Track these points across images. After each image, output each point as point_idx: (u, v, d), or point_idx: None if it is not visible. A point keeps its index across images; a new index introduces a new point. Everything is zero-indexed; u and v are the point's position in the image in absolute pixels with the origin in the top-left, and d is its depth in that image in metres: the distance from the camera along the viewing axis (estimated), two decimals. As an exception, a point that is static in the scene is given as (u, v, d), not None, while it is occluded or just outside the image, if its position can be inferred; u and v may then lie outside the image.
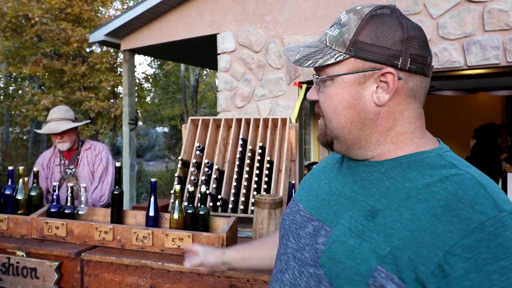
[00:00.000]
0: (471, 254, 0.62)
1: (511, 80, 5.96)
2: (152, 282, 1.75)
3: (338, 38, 0.78)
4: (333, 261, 0.73)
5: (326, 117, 0.82)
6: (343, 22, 0.79)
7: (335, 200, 0.81)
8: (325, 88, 0.81)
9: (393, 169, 0.77)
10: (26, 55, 9.67)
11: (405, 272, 0.65)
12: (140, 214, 2.12)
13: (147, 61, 28.45)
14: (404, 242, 0.67)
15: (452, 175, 0.71)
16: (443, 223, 0.65)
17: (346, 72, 0.78)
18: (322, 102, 0.82)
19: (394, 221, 0.69)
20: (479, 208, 0.65)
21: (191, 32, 5.71)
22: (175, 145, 15.44)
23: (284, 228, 0.91)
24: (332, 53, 0.78)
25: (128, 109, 6.66)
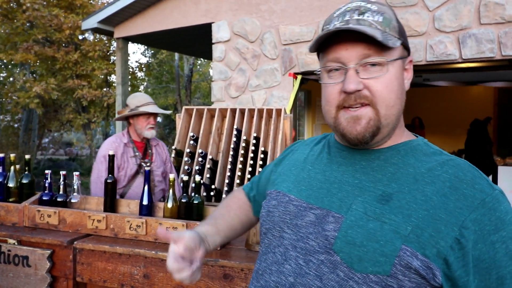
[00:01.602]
0: (478, 227, 0.70)
1: (505, 74, 5.99)
2: (145, 271, 1.74)
3: (388, 23, 0.79)
4: (353, 246, 0.74)
5: (385, 103, 0.78)
6: (377, 10, 0.80)
7: (336, 188, 0.82)
8: (378, 73, 0.77)
9: (392, 157, 0.81)
10: (18, 41, 9.53)
11: (428, 248, 0.71)
12: (134, 203, 2.10)
13: (140, 49, 28.22)
14: (423, 221, 0.72)
15: (447, 160, 0.79)
16: (453, 201, 0.73)
17: (400, 57, 0.81)
18: (382, 87, 0.77)
19: (409, 202, 0.74)
20: (479, 187, 0.74)
21: (186, 20, 5.65)
22: (168, 135, 15.38)
23: (272, 220, 0.89)
24: (392, 37, 0.79)
25: (121, 98, 6.61)
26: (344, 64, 0.79)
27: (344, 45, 0.78)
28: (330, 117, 0.83)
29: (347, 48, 0.78)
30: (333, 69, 0.80)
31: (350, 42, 0.77)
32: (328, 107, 0.83)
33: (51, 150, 15.94)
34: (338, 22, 0.80)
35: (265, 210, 0.93)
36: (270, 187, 0.99)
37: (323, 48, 0.82)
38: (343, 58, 0.78)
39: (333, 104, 0.81)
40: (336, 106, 0.81)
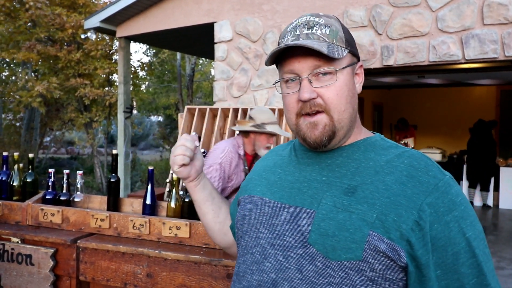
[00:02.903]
0: (434, 209, 0.79)
1: (508, 75, 5.98)
2: (148, 270, 1.74)
3: (335, 35, 0.88)
4: (327, 236, 0.81)
5: (337, 109, 0.87)
6: (324, 23, 0.88)
7: (306, 186, 0.90)
8: (327, 81, 0.86)
9: (354, 153, 0.90)
10: (20, 40, 9.53)
11: (392, 232, 0.78)
12: (137, 202, 2.10)
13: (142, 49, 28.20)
14: (386, 207, 0.80)
15: (402, 152, 0.88)
16: (410, 188, 0.81)
17: (348, 64, 0.90)
18: (333, 95, 0.86)
19: (372, 192, 0.82)
20: (432, 174, 0.83)
21: (188, 20, 5.65)
22: (169, 135, 15.38)
23: (249, 223, 0.95)
24: (339, 47, 0.87)
25: (123, 97, 6.61)
26: (298, 75, 0.87)
27: (297, 58, 0.87)
28: (291, 123, 0.92)
29: (300, 61, 0.86)
30: (290, 79, 0.89)
31: (302, 55, 0.86)
32: (289, 115, 0.91)
33: (53, 149, 15.96)
34: (290, 36, 0.89)
35: (241, 215, 0.99)
36: (242, 193, 1.05)
37: (279, 61, 0.91)
38: (297, 69, 0.87)
39: (293, 112, 0.90)
40: (296, 113, 0.89)
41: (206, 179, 1.13)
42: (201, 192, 1.11)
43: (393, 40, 4.44)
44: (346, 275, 0.79)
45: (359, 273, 0.79)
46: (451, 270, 0.78)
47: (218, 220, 1.15)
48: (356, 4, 4.61)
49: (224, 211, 1.16)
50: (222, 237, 1.16)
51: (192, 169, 1.07)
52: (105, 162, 11.12)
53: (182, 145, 1.04)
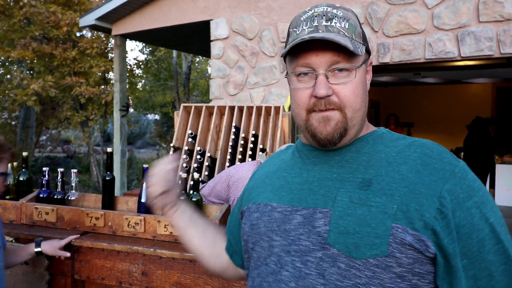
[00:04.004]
0: (454, 196, 0.76)
1: (504, 72, 6.00)
2: (143, 268, 1.74)
3: (354, 30, 0.83)
4: (347, 234, 0.76)
5: (352, 107, 0.83)
6: (342, 16, 0.83)
7: (317, 185, 0.85)
8: (346, 78, 0.82)
9: (362, 147, 0.86)
10: (15, 38, 9.48)
11: (416, 222, 0.74)
12: (132, 201, 2.10)
13: (138, 47, 28.10)
14: (406, 197, 0.76)
15: (412, 142, 0.85)
16: (427, 175, 0.78)
17: (364, 61, 0.86)
18: (350, 93, 0.82)
19: (389, 183, 0.78)
20: (447, 160, 0.80)
21: (184, 18, 5.63)
22: (166, 133, 15.35)
23: (258, 232, 0.88)
24: (358, 43, 0.83)
25: (119, 96, 6.59)
26: (314, 70, 0.82)
27: (315, 51, 0.81)
28: (300, 119, 0.86)
29: (318, 55, 0.81)
30: (303, 73, 0.83)
31: (320, 48, 0.81)
32: (299, 110, 0.86)
33: (49, 147, 15.90)
34: (306, 27, 0.83)
35: (247, 225, 0.91)
36: (245, 204, 0.97)
37: (292, 52, 0.84)
38: (313, 64, 0.81)
39: (303, 108, 0.84)
40: (306, 109, 0.84)
41: (183, 203, 1.05)
42: (181, 217, 1.03)
43: (389, 37, 4.44)
44: (373, 273, 0.74)
45: (386, 270, 0.74)
46: (478, 258, 0.75)
47: (206, 243, 1.06)
48: (352, 2, 4.61)
49: (211, 232, 1.07)
50: (214, 261, 1.07)
51: (168, 197, 1.00)
52: (101, 161, 11.09)
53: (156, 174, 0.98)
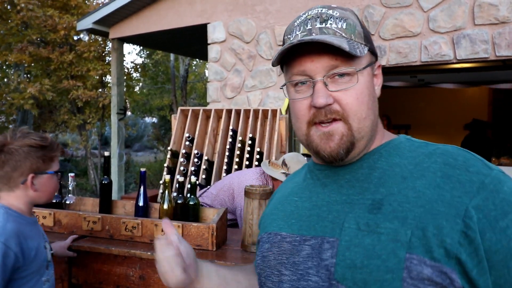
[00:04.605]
0: (482, 214, 0.62)
1: (499, 74, 6.03)
2: (141, 272, 1.74)
3: (353, 30, 0.74)
4: (355, 269, 0.66)
5: (357, 116, 0.73)
6: (339, 16, 0.75)
7: (325, 211, 0.75)
8: (348, 84, 0.72)
9: (376, 161, 0.75)
10: (12, 42, 9.46)
11: (434, 250, 0.62)
12: (129, 204, 2.10)
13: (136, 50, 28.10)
14: (421, 219, 0.64)
15: (434, 150, 0.72)
16: (448, 191, 0.65)
17: (367, 64, 0.76)
18: (353, 99, 0.72)
19: (401, 203, 0.67)
20: (474, 169, 0.66)
21: (181, 21, 5.64)
22: (164, 136, 15.34)
23: (269, 265, 0.80)
24: (357, 44, 0.74)
25: (117, 99, 6.59)
26: (311, 77, 0.73)
27: (309, 56, 0.73)
28: (301, 134, 0.77)
29: (313, 60, 0.72)
30: (300, 82, 0.75)
31: (315, 53, 0.72)
32: (299, 124, 0.77)
33: (46, 151, 15.82)
34: (299, 31, 0.75)
35: (259, 258, 0.84)
36: (260, 233, 0.89)
37: (287, 60, 0.77)
38: (309, 70, 0.73)
39: (304, 121, 0.75)
40: (307, 122, 0.75)
41: (203, 264, 0.86)
42: (209, 281, 0.84)
43: (385, 40, 4.46)
44: None
45: None
46: None
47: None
48: (349, 5, 4.63)
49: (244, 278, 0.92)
50: None
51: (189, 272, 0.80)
52: (99, 164, 11.07)
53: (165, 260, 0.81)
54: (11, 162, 1.33)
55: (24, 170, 1.35)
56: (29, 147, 1.35)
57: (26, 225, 1.37)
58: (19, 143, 1.34)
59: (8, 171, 1.34)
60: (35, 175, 1.37)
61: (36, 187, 1.38)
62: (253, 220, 1.77)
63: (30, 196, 1.39)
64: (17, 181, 1.35)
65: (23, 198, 1.38)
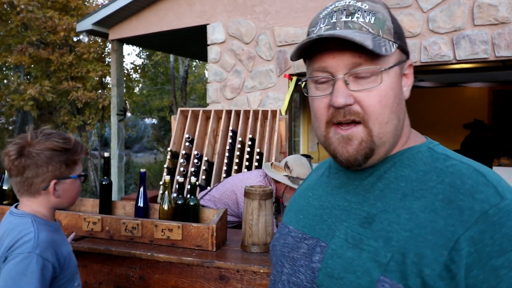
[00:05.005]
0: (475, 248, 0.56)
1: (499, 75, 6.03)
2: (141, 272, 1.74)
3: (381, 25, 0.68)
4: (332, 278, 0.66)
5: (379, 120, 0.67)
6: (368, 9, 0.69)
7: (327, 213, 0.74)
8: (371, 84, 0.67)
9: (386, 171, 0.71)
10: (12, 43, 9.47)
11: (410, 279, 0.59)
12: (129, 205, 2.10)
13: (135, 51, 28.12)
14: (404, 244, 0.61)
15: (447, 166, 0.66)
16: (444, 217, 0.60)
17: (396, 63, 0.70)
18: (375, 101, 0.67)
19: (391, 223, 0.64)
20: (480, 197, 0.60)
21: (181, 22, 5.65)
22: (163, 137, 15.34)
23: (275, 255, 0.82)
24: (385, 41, 0.68)
25: (117, 100, 6.59)
26: (331, 75, 0.69)
27: (331, 52, 0.68)
28: (320, 134, 0.73)
29: (334, 56, 0.68)
30: (320, 79, 0.70)
31: (338, 49, 0.67)
32: (318, 123, 0.73)
33: (46, 152, 15.81)
34: (324, 24, 0.70)
35: (271, 245, 0.86)
36: None
37: (309, 54, 0.72)
38: (330, 67, 0.68)
39: (322, 120, 0.71)
40: (326, 122, 0.71)
41: None
42: None
43: (385, 41, 4.46)
44: None
45: None
46: None
47: None
48: (348, 6, 4.63)
49: None
50: None
51: None
52: (99, 165, 11.07)
53: None
54: (32, 167, 1.22)
55: (46, 176, 1.24)
56: (51, 150, 1.23)
57: (54, 232, 1.28)
58: (41, 146, 1.22)
59: (29, 177, 1.23)
60: (58, 180, 1.26)
61: (58, 193, 1.28)
62: (253, 221, 1.77)
63: (52, 202, 1.29)
64: (38, 187, 1.25)
65: (45, 204, 1.28)
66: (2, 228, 1.25)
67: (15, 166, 1.22)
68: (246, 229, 1.79)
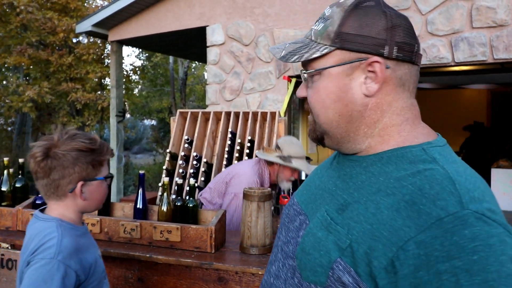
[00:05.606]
0: (424, 251, 0.59)
1: (497, 77, 6.05)
2: (139, 274, 1.74)
3: (322, 31, 0.78)
4: (304, 253, 0.76)
5: (314, 112, 0.81)
6: (327, 16, 0.78)
7: (319, 194, 0.83)
8: (313, 83, 0.80)
9: (373, 164, 0.75)
10: (11, 44, 9.48)
11: (360, 266, 0.66)
12: (128, 207, 2.10)
13: (135, 52, 28.13)
14: (362, 235, 0.67)
15: (425, 169, 0.68)
16: (403, 217, 0.64)
17: (332, 65, 0.77)
18: (310, 97, 0.81)
19: (358, 214, 0.70)
20: (440, 204, 0.62)
21: (180, 24, 5.66)
22: (163, 138, 15.34)
23: (282, 221, 0.94)
24: (317, 46, 0.77)
25: (116, 101, 6.59)
26: None
27: None
28: None
29: None
30: None
31: None
32: None
33: (45, 153, 15.80)
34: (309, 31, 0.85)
35: (282, 212, 0.98)
36: None
37: None
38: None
39: None
40: None
41: None
42: None
43: (383, 43, 4.48)
44: None
45: None
46: None
47: None
48: (347, 8, 4.65)
49: None
50: None
51: None
52: (97, 167, 11.04)
53: None
54: (58, 168, 1.20)
55: (73, 177, 1.21)
56: (78, 151, 1.21)
57: (80, 236, 1.26)
58: (66, 146, 1.20)
59: (55, 179, 1.21)
60: (84, 182, 1.24)
61: (85, 195, 1.25)
62: (252, 223, 1.78)
63: (79, 205, 1.26)
64: (65, 190, 1.22)
65: (72, 207, 1.26)
66: (28, 233, 1.23)
67: (41, 168, 1.20)
68: (245, 231, 1.79)
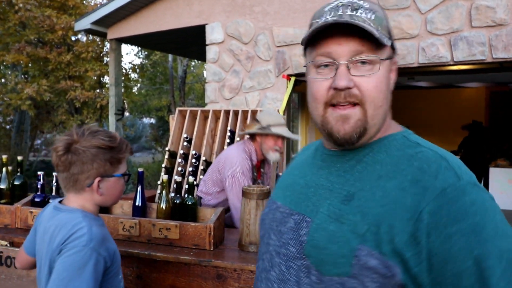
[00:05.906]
0: (433, 219, 0.67)
1: (496, 76, 6.06)
2: (138, 271, 1.74)
3: (380, 22, 0.77)
4: (318, 249, 0.75)
5: (374, 103, 0.76)
6: (369, 8, 0.77)
7: (312, 192, 0.83)
8: (370, 71, 0.76)
9: (365, 155, 0.80)
10: (9, 42, 9.45)
11: (384, 246, 0.69)
12: (127, 204, 2.10)
13: (134, 51, 28.09)
14: (378, 217, 0.70)
15: (416, 152, 0.75)
16: (411, 194, 0.70)
17: (389, 57, 0.80)
18: (372, 86, 0.76)
19: (367, 200, 0.73)
20: (441, 177, 0.69)
21: (179, 22, 5.65)
22: (162, 137, 15.33)
23: (264, 228, 0.92)
24: (383, 35, 0.76)
25: (115, 99, 6.59)
26: (335, 60, 0.76)
27: (337, 39, 0.75)
28: (317, 114, 0.80)
29: (340, 43, 0.75)
30: (322, 64, 0.78)
31: (344, 36, 0.75)
32: (316, 104, 0.80)
33: (44, 151, 15.83)
34: (330, 16, 0.76)
35: (260, 219, 0.96)
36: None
37: (313, 41, 0.79)
38: (335, 53, 0.76)
39: (321, 101, 0.78)
40: (324, 103, 0.78)
41: None
42: None
43: (383, 42, 4.48)
44: None
45: None
46: None
47: None
48: (346, 6, 4.64)
49: None
50: None
51: None
52: (96, 165, 11.05)
53: None
54: (78, 163, 1.25)
55: (91, 173, 1.26)
56: (97, 148, 1.26)
57: (102, 226, 1.31)
58: (87, 143, 1.25)
59: (74, 173, 1.26)
60: (102, 178, 1.28)
61: (102, 191, 1.30)
62: (251, 220, 1.78)
63: (96, 199, 1.31)
64: (83, 184, 1.27)
65: (90, 201, 1.31)
66: (53, 225, 1.26)
67: (62, 162, 1.25)
68: (244, 229, 1.79)
